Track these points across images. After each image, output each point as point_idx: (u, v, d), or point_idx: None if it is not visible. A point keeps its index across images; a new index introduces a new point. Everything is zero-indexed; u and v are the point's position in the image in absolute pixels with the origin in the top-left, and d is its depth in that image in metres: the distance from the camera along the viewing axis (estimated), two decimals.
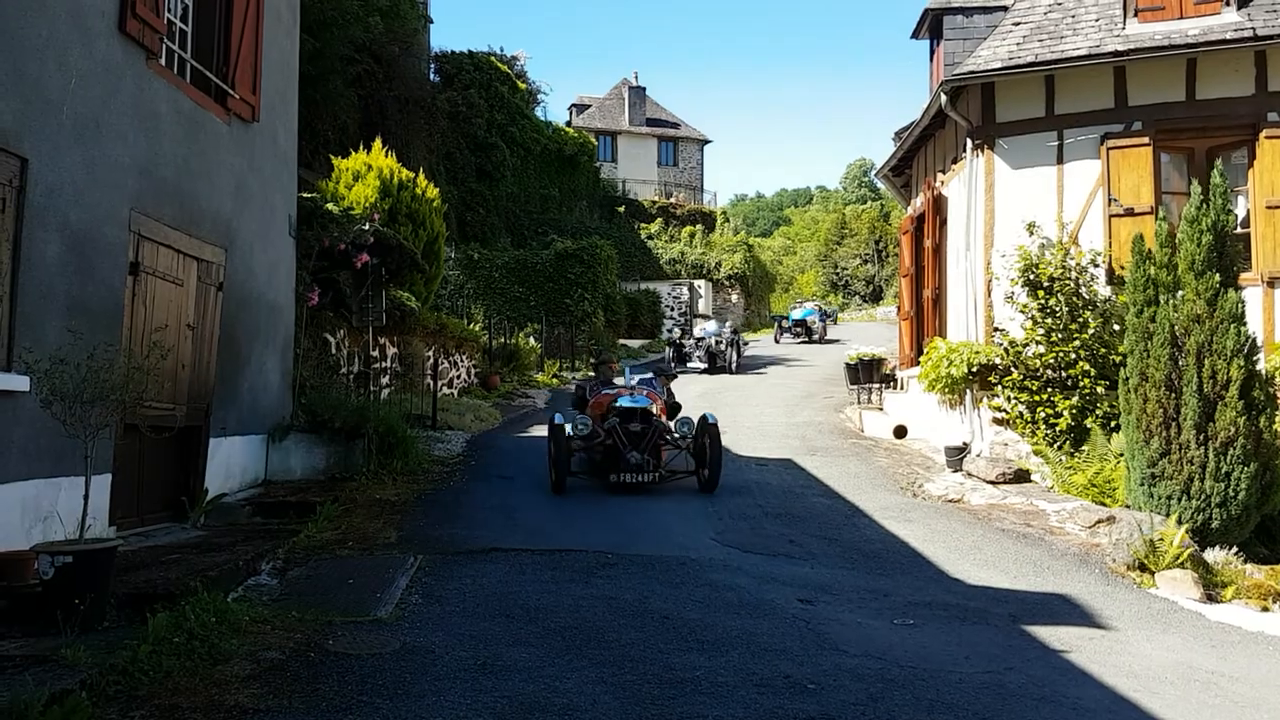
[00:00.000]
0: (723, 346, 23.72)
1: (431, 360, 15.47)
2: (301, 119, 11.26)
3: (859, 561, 8.21)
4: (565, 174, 37.99)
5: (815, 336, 32.23)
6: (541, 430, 13.11)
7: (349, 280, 12.51)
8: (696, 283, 38.77)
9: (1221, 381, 9.23)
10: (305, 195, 11.54)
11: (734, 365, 23.61)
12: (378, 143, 16.74)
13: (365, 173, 15.75)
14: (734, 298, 41.16)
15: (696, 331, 25.16)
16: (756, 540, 8.71)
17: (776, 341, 32.74)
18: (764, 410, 17.42)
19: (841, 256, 58.96)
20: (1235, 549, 8.90)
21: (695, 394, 18.52)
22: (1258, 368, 9.56)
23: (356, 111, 21.32)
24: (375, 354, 13.64)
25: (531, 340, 23.91)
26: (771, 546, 8.53)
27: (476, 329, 20.84)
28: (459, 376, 18.47)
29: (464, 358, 18.92)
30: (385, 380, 14.32)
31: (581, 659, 5.34)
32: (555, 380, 22.64)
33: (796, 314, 33.58)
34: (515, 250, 28.99)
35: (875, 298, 54.61)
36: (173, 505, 8.09)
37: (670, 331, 31.05)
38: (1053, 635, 6.33)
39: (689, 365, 23.76)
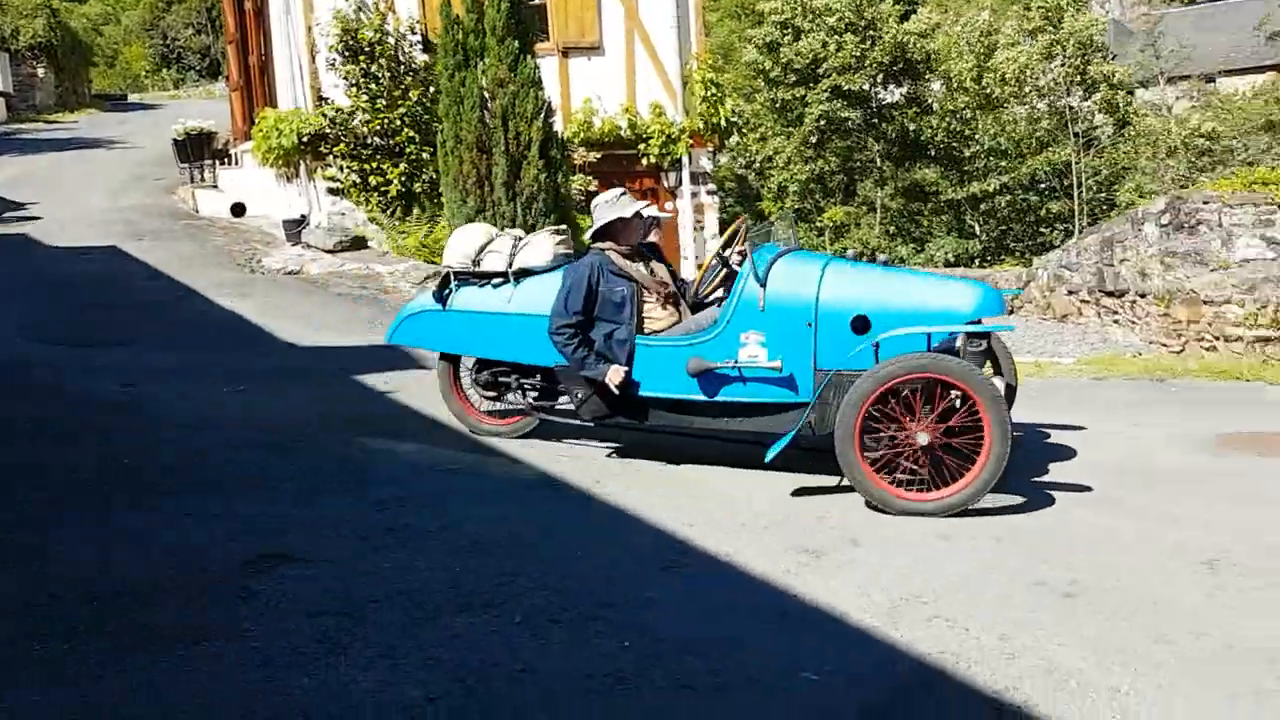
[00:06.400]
0: None
1: None
2: None
3: (192, 340, 8.01)
4: None
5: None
6: None
7: None
8: None
9: (524, 142, 10.25)
10: None
11: None
12: None
13: None
14: (41, 73, 35.02)
15: None
16: (78, 333, 8.12)
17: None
18: (84, 195, 15.46)
19: (171, 25, 52.95)
20: None
21: (4, 179, 15.88)
22: (555, 130, 10.77)
23: None
24: None
25: None
26: (94, 336, 7.99)
27: None
28: None
29: None
30: None
31: None
32: None
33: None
34: None
35: (214, 72, 50.34)
36: None
37: None
38: (380, 380, 6.79)
39: None
